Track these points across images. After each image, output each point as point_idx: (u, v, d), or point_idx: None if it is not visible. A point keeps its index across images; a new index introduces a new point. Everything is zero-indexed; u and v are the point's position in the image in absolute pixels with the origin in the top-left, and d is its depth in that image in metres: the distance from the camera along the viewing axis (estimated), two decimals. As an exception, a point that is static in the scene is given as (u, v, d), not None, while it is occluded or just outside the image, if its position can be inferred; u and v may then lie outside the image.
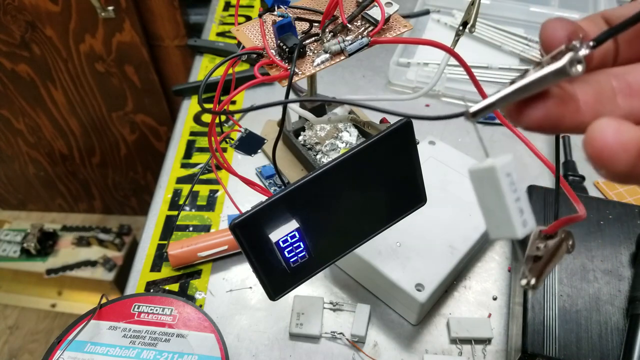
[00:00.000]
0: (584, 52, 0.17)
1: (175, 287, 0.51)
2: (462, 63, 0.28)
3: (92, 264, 1.28)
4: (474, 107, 0.19)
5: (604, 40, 0.18)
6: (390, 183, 0.35)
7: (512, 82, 0.18)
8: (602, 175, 0.17)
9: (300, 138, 0.58)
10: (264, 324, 0.48)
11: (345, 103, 0.56)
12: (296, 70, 0.36)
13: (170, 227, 0.56)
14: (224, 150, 0.65)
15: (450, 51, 0.30)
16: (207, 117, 0.68)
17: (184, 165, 0.63)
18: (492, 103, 0.19)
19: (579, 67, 0.17)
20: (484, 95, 0.25)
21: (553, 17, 0.20)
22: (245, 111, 0.30)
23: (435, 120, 0.21)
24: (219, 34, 0.81)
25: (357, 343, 0.47)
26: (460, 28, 0.37)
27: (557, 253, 0.22)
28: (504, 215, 0.20)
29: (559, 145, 0.26)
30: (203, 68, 0.76)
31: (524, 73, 0.18)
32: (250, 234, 0.30)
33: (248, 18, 0.85)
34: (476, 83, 0.26)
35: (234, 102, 0.71)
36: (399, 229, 0.37)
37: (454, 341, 0.47)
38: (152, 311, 0.43)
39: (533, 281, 0.22)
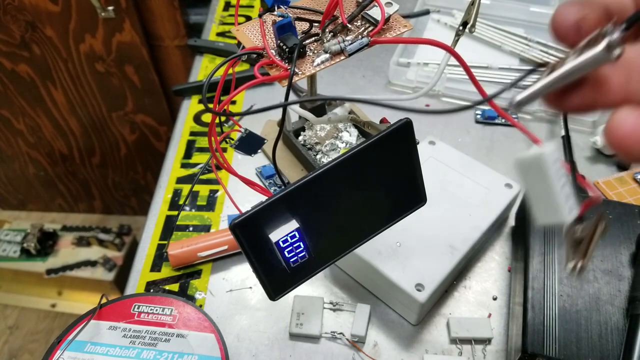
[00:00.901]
0: (617, 35, 0.17)
1: (175, 287, 0.51)
2: (462, 62, 0.28)
3: (92, 264, 1.28)
4: (519, 97, 0.19)
5: (636, 21, 0.18)
6: (390, 183, 0.35)
7: (553, 69, 0.19)
8: (620, 157, 0.19)
9: (300, 138, 0.58)
10: (264, 324, 0.48)
11: (344, 100, 0.56)
12: (296, 70, 0.36)
13: (170, 227, 0.56)
14: (224, 150, 0.65)
15: (450, 50, 0.30)
16: (207, 117, 0.68)
17: (184, 165, 0.63)
18: (536, 92, 0.19)
19: (617, 51, 0.17)
20: (483, 95, 0.25)
21: (567, 2, 0.20)
22: (246, 114, 0.30)
23: (450, 113, 0.21)
24: (219, 34, 0.81)
25: (357, 343, 0.47)
26: (460, 28, 0.37)
27: (595, 234, 0.22)
28: (552, 202, 0.20)
29: (567, 127, 0.26)
30: (203, 68, 0.76)
31: (563, 59, 0.18)
32: (250, 234, 0.30)
33: (248, 18, 0.85)
34: (475, 82, 0.26)
35: (234, 102, 0.71)
36: (399, 229, 0.37)
37: (454, 341, 0.47)
38: (152, 311, 0.43)
39: (581, 263, 0.22)
